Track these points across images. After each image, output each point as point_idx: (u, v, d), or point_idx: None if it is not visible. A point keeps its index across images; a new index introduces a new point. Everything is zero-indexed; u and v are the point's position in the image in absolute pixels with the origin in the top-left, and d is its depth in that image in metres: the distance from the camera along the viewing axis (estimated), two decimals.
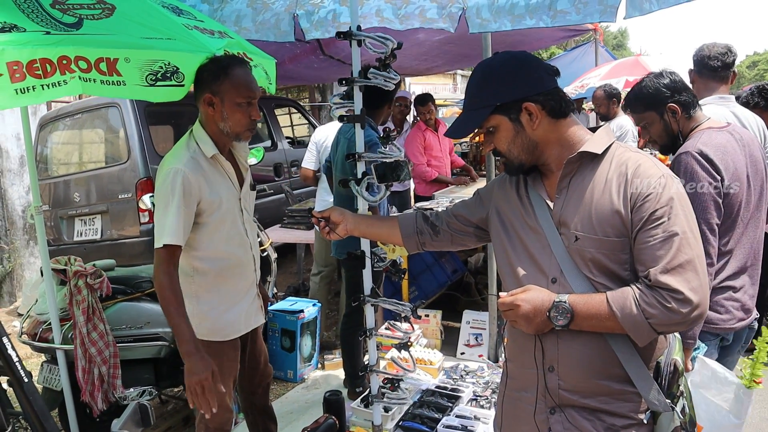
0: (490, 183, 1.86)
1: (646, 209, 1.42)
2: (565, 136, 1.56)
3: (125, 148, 5.37)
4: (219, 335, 2.48)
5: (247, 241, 2.54)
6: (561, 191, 1.56)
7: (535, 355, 1.58)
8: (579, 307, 1.46)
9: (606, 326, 1.45)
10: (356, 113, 2.50)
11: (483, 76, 1.58)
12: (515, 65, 1.54)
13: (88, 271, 3.07)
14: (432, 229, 1.92)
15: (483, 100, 1.56)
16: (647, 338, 1.43)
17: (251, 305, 2.61)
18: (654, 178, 1.43)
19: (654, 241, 1.40)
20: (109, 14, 1.97)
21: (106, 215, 5.50)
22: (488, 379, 3.98)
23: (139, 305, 3.29)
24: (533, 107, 1.52)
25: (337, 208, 2.12)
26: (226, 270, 2.46)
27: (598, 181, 1.50)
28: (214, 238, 2.39)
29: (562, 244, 1.54)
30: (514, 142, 1.57)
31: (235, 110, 2.29)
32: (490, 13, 3.33)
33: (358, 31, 2.45)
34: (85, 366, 2.98)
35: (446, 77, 20.52)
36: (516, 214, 1.66)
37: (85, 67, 1.89)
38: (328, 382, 4.27)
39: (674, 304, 1.36)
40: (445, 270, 5.37)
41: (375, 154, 2.49)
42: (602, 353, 1.50)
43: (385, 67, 2.49)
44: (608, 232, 1.46)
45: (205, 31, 2.23)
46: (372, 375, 2.67)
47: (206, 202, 2.31)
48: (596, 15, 2.98)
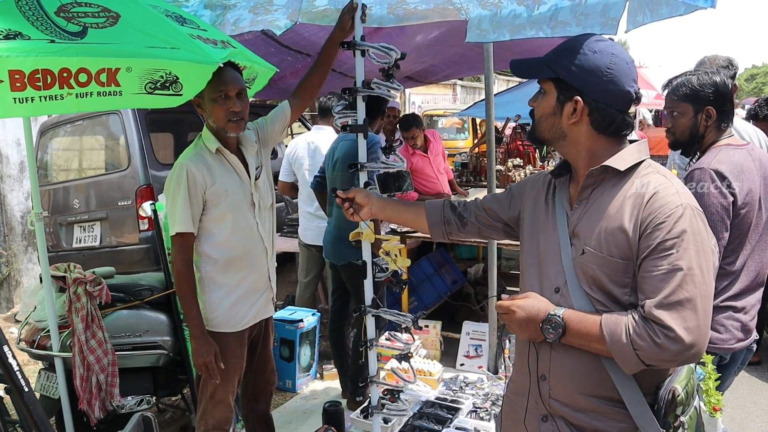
0: (524, 180, 1.83)
1: (655, 237, 1.37)
2: (596, 146, 1.52)
3: (125, 155, 5.36)
4: (227, 326, 2.59)
5: (256, 234, 2.62)
6: (581, 202, 1.54)
7: (530, 361, 1.58)
8: (572, 325, 1.45)
9: (596, 348, 1.43)
10: (359, 123, 2.50)
11: (576, 45, 1.51)
12: (605, 63, 1.46)
13: (88, 278, 3.05)
14: (459, 220, 1.90)
15: (554, 62, 1.52)
16: (634, 368, 1.39)
17: (261, 297, 2.69)
18: (670, 207, 1.37)
19: (657, 272, 1.36)
20: (113, 23, 1.97)
21: (106, 222, 5.49)
22: (488, 390, 3.96)
23: (139, 313, 3.27)
24: (581, 106, 1.48)
25: (362, 190, 2.13)
26: (234, 260, 2.57)
27: (617, 198, 1.46)
28: (220, 227, 2.53)
29: (570, 255, 1.52)
30: (547, 119, 1.55)
31: (213, 106, 2.46)
32: (490, 25, 3.34)
33: (361, 42, 2.46)
34: (83, 374, 2.96)
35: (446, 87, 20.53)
36: (541, 218, 1.65)
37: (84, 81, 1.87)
38: (327, 393, 4.25)
39: (663, 340, 1.32)
40: (444, 281, 5.37)
41: (377, 164, 2.49)
42: (595, 371, 1.47)
43: (388, 77, 2.50)
44: (613, 252, 1.43)
45: (207, 41, 2.23)
46: (372, 386, 2.65)
47: (211, 193, 2.47)
48: (597, 27, 2.98)
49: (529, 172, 7.28)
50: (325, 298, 5.70)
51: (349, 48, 2.47)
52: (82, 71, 1.87)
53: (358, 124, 2.50)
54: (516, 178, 6.92)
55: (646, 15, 2.57)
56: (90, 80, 1.93)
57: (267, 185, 2.75)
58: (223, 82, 2.41)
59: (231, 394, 2.69)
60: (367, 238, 2.50)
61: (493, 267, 4.30)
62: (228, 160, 2.57)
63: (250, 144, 2.66)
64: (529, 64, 1.61)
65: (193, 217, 2.46)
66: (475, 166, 8.25)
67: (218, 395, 2.65)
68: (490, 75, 4.21)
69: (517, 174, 7.08)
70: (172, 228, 2.48)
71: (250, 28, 3.23)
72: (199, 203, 2.47)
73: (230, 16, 3.23)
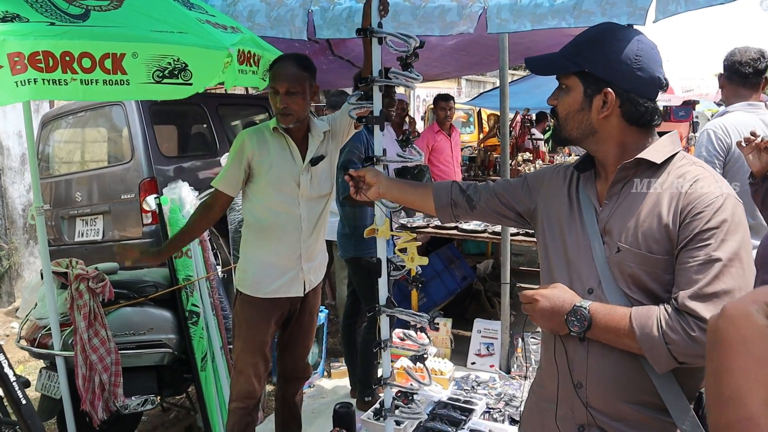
0: (540, 172, 1.72)
1: (694, 227, 1.28)
2: (628, 139, 1.43)
3: (129, 147, 5.26)
4: (249, 288, 2.77)
5: (296, 213, 2.75)
6: (611, 197, 1.44)
7: (560, 365, 1.48)
8: (599, 317, 1.35)
9: (624, 343, 1.33)
10: (375, 114, 2.38)
11: (599, 35, 1.43)
12: (632, 50, 1.38)
13: (90, 274, 2.94)
14: (468, 203, 1.80)
15: (577, 55, 1.43)
16: (666, 365, 1.28)
17: (287, 275, 2.78)
18: (711, 195, 1.29)
19: (693, 263, 1.27)
20: (117, 5, 1.86)
21: (108, 216, 5.38)
22: (500, 390, 3.86)
23: (143, 311, 3.18)
24: (612, 97, 1.39)
25: (372, 169, 2.06)
26: (267, 230, 2.75)
27: (651, 191, 1.37)
28: (259, 196, 2.74)
29: (603, 254, 1.42)
30: (575, 115, 1.45)
31: (271, 98, 2.67)
32: (510, 14, 3.23)
33: (378, 29, 2.34)
34: (86, 374, 2.86)
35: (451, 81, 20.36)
36: (563, 214, 1.54)
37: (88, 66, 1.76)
38: (335, 392, 4.14)
39: (699, 333, 1.22)
40: (454, 277, 5.26)
41: (395, 158, 2.37)
42: (635, 375, 1.37)
43: (406, 67, 2.38)
44: (653, 249, 1.33)
45: (217, 25, 2.12)
46: (386, 388, 2.55)
47: (256, 163, 2.69)
48: (624, 17, 2.86)
49: (539, 166, 7.16)
50: (332, 293, 5.61)
51: (365, 35, 2.34)
52: (85, 56, 1.75)
53: (375, 115, 2.38)
54: (526, 171, 6.80)
55: (680, 4, 2.44)
56: (94, 66, 1.81)
57: (326, 175, 2.85)
58: (274, 78, 2.63)
59: (252, 367, 2.79)
60: (382, 235, 2.39)
61: (506, 263, 4.19)
62: (285, 139, 2.73)
63: (318, 133, 2.80)
64: (549, 60, 1.51)
65: (228, 178, 2.70)
66: (484, 160, 8.14)
67: (239, 365, 2.81)
68: (505, 67, 4.08)
69: (527, 168, 6.97)
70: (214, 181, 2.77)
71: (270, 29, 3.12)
72: (241, 168, 2.68)
73: (242, 6, 3.12)
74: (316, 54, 5.36)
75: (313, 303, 2.97)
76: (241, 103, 7.04)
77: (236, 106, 6.86)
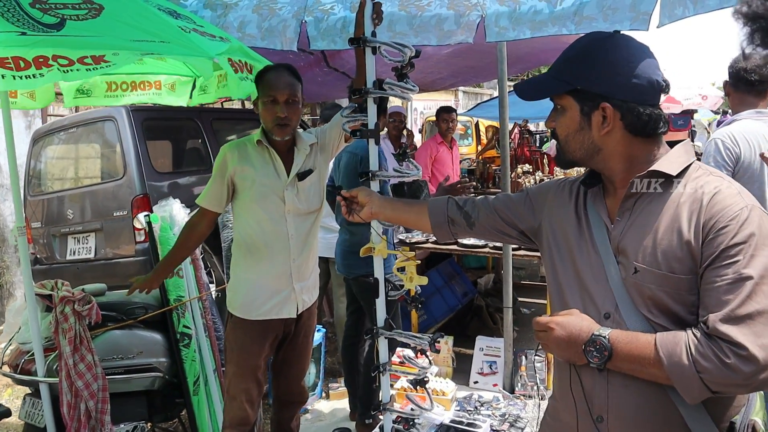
0: (543, 187, 1.62)
1: (719, 243, 1.17)
2: (636, 152, 1.32)
3: (121, 163, 5.16)
4: (240, 310, 2.68)
5: (283, 230, 2.65)
6: (623, 213, 1.33)
7: (577, 397, 1.35)
8: (620, 347, 1.23)
9: (650, 373, 1.21)
10: (370, 127, 2.27)
11: (584, 49, 1.34)
12: (622, 57, 1.29)
13: (76, 296, 2.81)
14: (466, 219, 1.70)
15: (566, 73, 1.34)
16: (698, 396, 1.17)
17: (279, 296, 2.68)
18: (734, 208, 1.19)
19: (721, 282, 1.16)
20: (96, 14, 1.74)
21: (101, 233, 5.27)
22: (505, 411, 3.72)
23: (132, 333, 3.05)
24: (610, 111, 1.29)
25: (365, 189, 1.98)
26: (255, 249, 2.66)
27: (668, 206, 1.26)
28: (245, 214, 2.66)
29: (619, 275, 1.31)
30: (575, 136, 1.36)
31: (263, 108, 2.56)
32: (509, 21, 3.15)
33: (372, 38, 2.24)
34: (71, 401, 2.72)
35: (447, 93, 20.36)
36: (572, 233, 1.43)
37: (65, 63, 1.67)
38: (334, 414, 4.01)
39: (734, 360, 1.11)
40: (455, 293, 5.14)
41: (392, 173, 2.27)
42: (662, 407, 1.25)
43: (402, 78, 2.28)
44: (674, 268, 1.22)
45: (204, 34, 2.01)
46: (385, 414, 2.43)
47: (238, 178, 2.61)
48: (627, 22, 2.77)
49: (538, 179, 7.05)
50: (329, 311, 5.48)
51: (358, 45, 2.25)
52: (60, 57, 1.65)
53: (369, 128, 2.28)
54: (526, 184, 6.69)
55: (688, 8, 2.34)
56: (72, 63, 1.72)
57: (315, 190, 2.75)
58: (274, 87, 2.51)
59: (244, 393, 2.69)
60: (379, 254, 2.28)
61: (509, 278, 4.07)
62: (269, 152, 2.64)
63: (304, 146, 2.71)
64: (537, 84, 1.43)
65: (211, 195, 2.64)
66: (482, 173, 8.04)
67: (231, 390, 2.71)
68: (504, 77, 3.99)
69: (527, 180, 6.85)
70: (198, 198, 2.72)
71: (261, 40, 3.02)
72: (224, 184, 2.61)
73: (233, 17, 3.02)
74: (311, 65, 5.28)
75: (308, 324, 2.86)
76: (236, 118, 6.95)
77: (231, 120, 6.77)
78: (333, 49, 3.33)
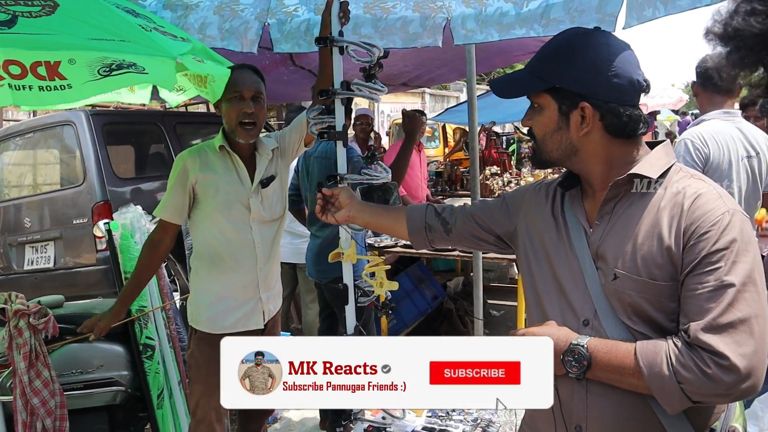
0: (520, 190, 1.59)
1: (701, 249, 1.15)
2: (615, 154, 1.29)
3: (81, 169, 5.02)
4: (206, 325, 2.54)
5: (249, 239, 2.54)
6: (602, 217, 1.30)
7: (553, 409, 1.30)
8: (599, 356, 1.20)
9: (629, 383, 1.19)
10: (338, 129, 2.22)
11: (564, 46, 1.30)
12: (603, 55, 1.25)
13: (32, 309, 2.68)
14: (443, 226, 1.66)
15: (544, 71, 1.30)
16: (679, 406, 1.15)
17: (245, 306, 2.58)
18: (716, 213, 1.16)
19: (703, 290, 1.13)
20: (50, 11, 1.65)
21: (60, 242, 5.11)
22: (476, 416, 3.70)
23: (91, 346, 2.92)
24: (590, 111, 1.26)
25: (347, 189, 1.93)
26: (220, 259, 2.54)
27: (648, 210, 1.23)
28: (207, 223, 2.52)
29: (597, 281, 1.27)
30: (552, 136, 1.32)
31: (227, 107, 2.44)
32: (476, 24, 3.12)
33: (339, 38, 2.19)
34: (26, 420, 2.60)
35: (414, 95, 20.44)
36: (549, 236, 1.40)
37: (18, 73, 1.57)
38: (304, 423, 3.93)
39: (715, 370, 1.09)
40: (425, 296, 5.11)
41: (360, 176, 2.21)
42: (642, 416, 1.22)
43: (370, 78, 2.23)
44: (655, 275, 1.19)
45: (165, 33, 1.93)
46: (356, 423, 2.37)
47: (200, 186, 2.47)
48: (593, 24, 2.70)
49: (506, 180, 7.08)
50: (297, 317, 5.40)
51: (325, 45, 2.19)
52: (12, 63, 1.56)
53: (337, 130, 2.22)
54: (494, 186, 6.71)
55: (658, 8, 2.34)
56: (25, 73, 1.63)
57: (278, 197, 2.65)
58: (240, 83, 2.41)
59: (214, 412, 2.54)
60: (348, 259, 2.23)
61: (479, 283, 4.05)
62: (231, 158, 2.52)
63: (266, 151, 2.60)
64: (513, 81, 1.39)
65: (173, 205, 2.49)
66: (450, 175, 8.05)
67: (199, 413, 2.55)
68: (473, 78, 3.98)
69: (495, 182, 6.88)
70: (155, 209, 2.55)
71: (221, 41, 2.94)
72: (184, 193, 2.48)
73: (193, 18, 2.94)
74: (276, 64, 5.18)
75: (273, 333, 2.76)
76: (200, 121, 6.83)
77: (195, 124, 6.65)
78: (297, 52, 3.26)
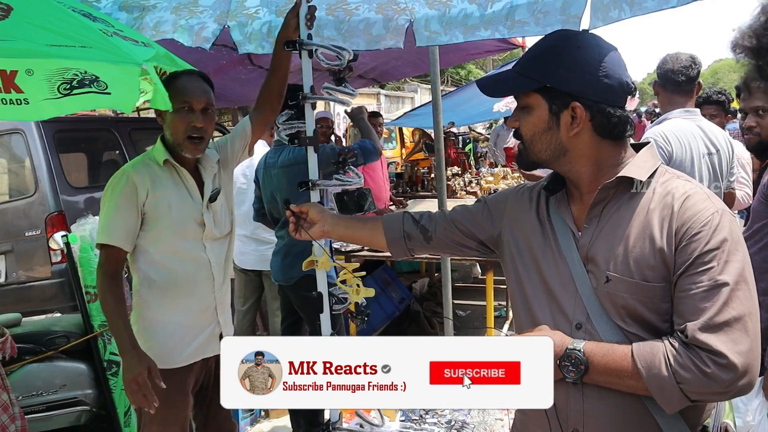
0: (501, 194, 1.57)
1: (693, 250, 1.16)
2: (603, 155, 1.29)
3: (32, 179, 4.86)
4: (161, 361, 2.20)
5: (204, 258, 2.33)
6: (591, 220, 1.29)
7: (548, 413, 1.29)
8: (596, 360, 1.20)
9: (627, 385, 1.19)
10: (308, 135, 2.17)
11: (554, 46, 1.30)
12: (594, 56, 1.25)
13: None
14: (423, 234, 1.63)
15: (534, 71, 1.29)
16: (678, 405, 1.16)
17: (204, 332, 2.36)
18: (705, 213, 1.17)
19: (697, 290, 1.14)
20: (3, 16, 1.57)
21: (11, 255, 4.94)
22: (450, 417, 3.70)
23: (54, 365, 2.83)
24: (580, 111, 1.25)
25: (317, 205, 1.85)
26: (174, 284, 2.29)
27: (638, 212, 1.24)
28: (160, 246, 2.26)
29: (589, 284, 1.27)
30: (541, 136, 1.31)
31: (173, 117, 2.21)
32: (440, 25, 3.11)
33: (309, 41, 2.14)
34: None
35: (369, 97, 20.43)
36: (535, 241, 1.39)
37: None
38: None
39: (714, 368, 1.10)
40: (392, 299, 5.09)
41: (333, 182, 2.17)
42: (638, 416, 1.23)
43: (340, 82, 2.20)
44: (647, 276, 1.20)
45: (127, 38, 1.85)
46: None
47: (150, 206, 2.22)
48: (558, 25, 2.78)
49: (467, 180, 7.11)
50: (263, 325, 5.31)
51: (294, 48, 2.15)
52: None
53: (308, 135, 2.18)
54: (456, 186, 6.73)
55: (624, 10, 2.35)
56: None
57: (225, 211, 2.44)
58: (189, 93, 2.19)
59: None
60: (322, 267, 2.19)
61: (448, 285, 4.05)
62: (179, 173, 2.29)
63: (210, 164, 2.39)
64: (502, 80, 1.37)
65: (125, 229, 2.19)
66: (411, 176, 8.02)
67: None
68: (437, 80, 3.96)
69: (457, 183, 6.90)
70: (98, 237, 2.21)
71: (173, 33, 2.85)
72: (133, 215, 2.20)
73: (149, 18, 2.85)
74: (234, 64, 5.06)
75: None
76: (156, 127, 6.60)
77: (151, 130, 6.46)
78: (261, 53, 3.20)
